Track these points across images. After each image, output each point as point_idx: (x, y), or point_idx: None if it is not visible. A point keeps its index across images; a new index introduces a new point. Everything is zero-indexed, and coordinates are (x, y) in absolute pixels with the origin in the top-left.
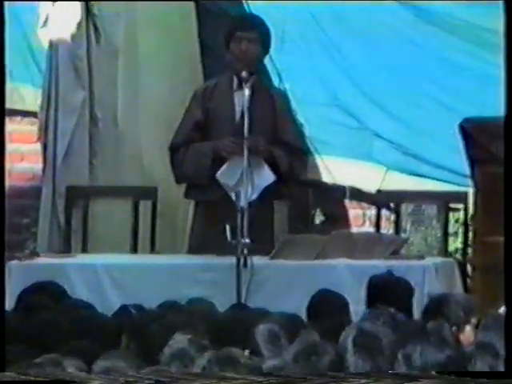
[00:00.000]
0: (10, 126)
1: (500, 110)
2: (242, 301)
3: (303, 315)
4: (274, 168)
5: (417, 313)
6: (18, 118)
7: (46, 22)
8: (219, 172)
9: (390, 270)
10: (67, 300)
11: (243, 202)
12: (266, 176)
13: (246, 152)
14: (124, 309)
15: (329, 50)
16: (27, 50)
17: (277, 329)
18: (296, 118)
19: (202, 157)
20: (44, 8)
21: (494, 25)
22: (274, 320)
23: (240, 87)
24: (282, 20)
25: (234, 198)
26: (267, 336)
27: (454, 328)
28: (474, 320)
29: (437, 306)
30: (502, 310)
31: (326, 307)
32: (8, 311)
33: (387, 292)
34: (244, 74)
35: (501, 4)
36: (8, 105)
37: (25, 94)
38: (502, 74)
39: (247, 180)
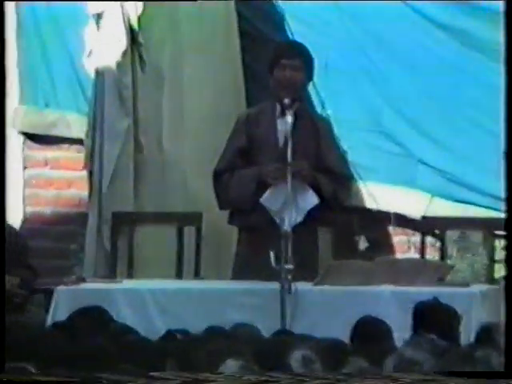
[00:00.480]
0: (58, 152)
1: None
2: (287, 327)
3: (347, 341)
4: (318, 193)
5: (463, 340)
6: (66, 146)
7: (91, 50)
8: (263, 197)
9: (436, 297)
10: (113, 324)
11: (287, 226)
12: (310, 199)
13: (289, 177)
14: (170, 334)
15: (372, 76)
16: (74, 77)
17: (311, 354)
18: (339, 145)
19: (247, 183)
20: (90, 36)
21: None
22: (310, 345)
23: (283, 114)
24: (325, 46)
25: (278, 221)
26: (301, 361)
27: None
28: None
29: (486, 334)
30: None
31: (370, 333)
32: (54, 333)
33: (434, 319)
34: (287, 100)
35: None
36: (55, 132)
37: (71, 121)
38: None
39: (291, 204)
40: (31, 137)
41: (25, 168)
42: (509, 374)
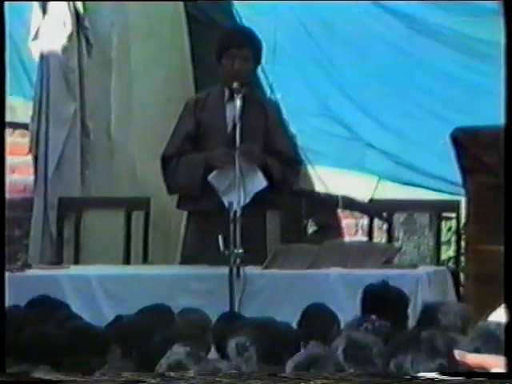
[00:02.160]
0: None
1: (491, 120)
2: (235, 311)
3: (295, 325)
4: (267, 176)
5: (410, 322)
6: (10, 130)
7: (36, 34)
8: (211, 175)
9: (385, 280)
10: (58, 312)
11: (236, 209)
12: (259, 182)
13: (237, 159)
14: (117, 319)
15: (320, 60)
16: (18, 62)
17: (245, 341)
18: (288, 129)
19: (194, 167)
20: (35, 20)
21: (486, 35)
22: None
23: (232, 98)
24: (273, 31)
25: (225, 203)
26: (235, 349)
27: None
28: (466, 329)
29: (431, 315)
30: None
31: (317, 318)
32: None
33: (382, 302)
34: (235, 85)
35: (499, 10)
36: None
37: (16, 105)
38: (493, 82)
39: (239, 186)
40: None
41: None
42: (509, 374)
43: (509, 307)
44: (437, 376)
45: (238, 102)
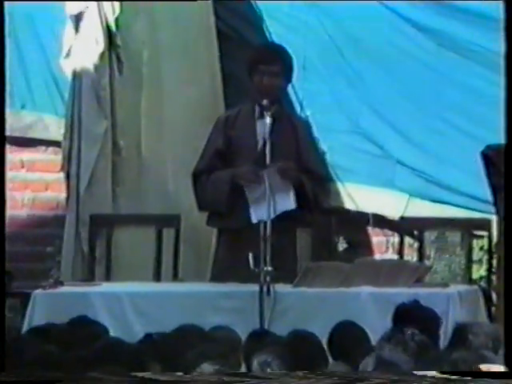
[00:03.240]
0: (35, 155)
1: None
2: (265, 329)
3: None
4: (300, 195)
5: (442, 341)
6: (42, 148)
7: (69, 52)
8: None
9: (417, 300)
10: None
11: (262, 223)
12: (289, 202)
13: (266, 177)
14: (148, 337)
15: (350, 77)
16: (51, 79)
17: (269, 359)
18: (318, 146)
19: (221, 184)
20: (68, 37)
21: None
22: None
23: (262, 116)
24: (303, 47)
25: (253, 216)
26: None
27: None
28: (499, 348)
29: (462, 335)
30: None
31: (347, 337)
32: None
33: (414, 321)
34: (265, 102)
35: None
36: (32, 134)
37: (48, 123)
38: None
39: (269, 203)
40: (7, 139)
41: None
42: (509, 374)
43: (509, 307)
44: (439, 375)
45: (268, 120)
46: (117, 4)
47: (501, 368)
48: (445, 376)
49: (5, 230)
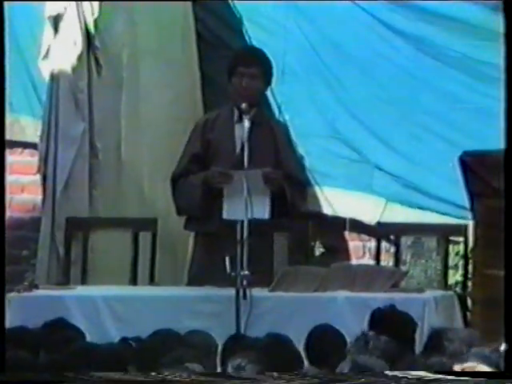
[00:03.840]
0: (11, 157)
1: (499, 144)
2: (242, 332)
3: (302, 348)
4: (279, 199)
5: (417, 346)
6: (19, 150)
7: (47, 53)
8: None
9: (392, 304)
10: (66, 332)
11: (238, 223)
12: (264, 210)
13: (245, 181)
14: (124, 341)
15: (329, 81)
16: (28, 81)
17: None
18: (296, 150)
19: (194, 188)
20: (46, 39)
21: (492, 58)
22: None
23: (240, 119)
24: (282, 52)
25: (225, 214)
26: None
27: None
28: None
29: (438, 341)
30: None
31: (324, 341)
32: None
33: (389, 326)
34: (244, 106)
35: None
36: (8, 136)
37: (25, 125)
38: (501, 106)
39: (246, 207)
40: None
41: None
42: (509, 374)
43: (508, 306)
44: (435, 376)
45: (247, 123)
46: (96, 5)
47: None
48: (419, 375)
49: (5, 231)
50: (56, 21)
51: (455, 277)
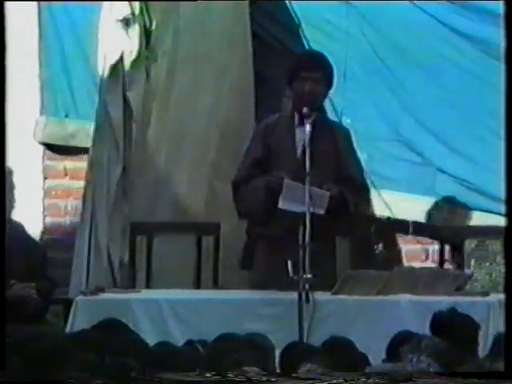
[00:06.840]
0: (77, 163)
1: None
2: (304, 337)
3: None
4: (341, 202)
5: (481, 350)
6: (85, 156)
7: (105, 58)
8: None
9: (454, 307)
10: (131, 335)
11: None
12: (319, 204)
13: (307, 185)
14: (190, 344)
15: (391, 85)
16: (93, 87)
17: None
18: (358, 154)
19: (257, 192)
20: (114, 44)
21: None
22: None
23: (301, 123)
24: (343, 55)
25: (280, 203)
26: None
27: None
28: None
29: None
30: None
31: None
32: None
33: (452, 329)
34: (305, 110)
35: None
36: (74, 142)
37: (91, 131)
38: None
39: (308, 209)
40: (51, 147)
41: (45, 178)
42: (509, 374)
43: (508, 309)
44: (435, 376)
45: (308, 127)
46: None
47: None
48: (444, 377)
49: (5, 231)
50: (126, 24)
51: None
